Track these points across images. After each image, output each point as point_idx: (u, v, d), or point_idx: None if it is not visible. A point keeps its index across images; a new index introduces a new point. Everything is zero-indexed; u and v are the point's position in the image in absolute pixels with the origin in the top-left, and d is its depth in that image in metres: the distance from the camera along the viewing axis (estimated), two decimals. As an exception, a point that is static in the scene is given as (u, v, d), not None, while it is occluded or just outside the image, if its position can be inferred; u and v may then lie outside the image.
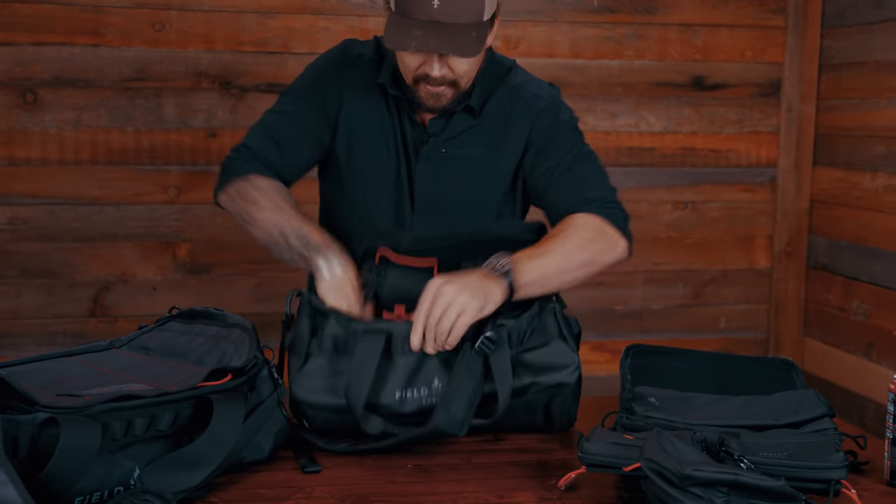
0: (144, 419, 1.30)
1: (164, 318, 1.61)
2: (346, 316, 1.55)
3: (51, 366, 1.43)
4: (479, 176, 1.82)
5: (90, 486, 1.25)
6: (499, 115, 1.81)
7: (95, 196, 2.73)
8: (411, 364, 1.54)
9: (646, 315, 3.14)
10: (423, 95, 1.70)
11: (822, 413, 1.59)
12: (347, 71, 1.79)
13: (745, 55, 3.09)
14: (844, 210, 3.01)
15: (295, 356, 1.56)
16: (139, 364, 1.48)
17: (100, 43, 2.69)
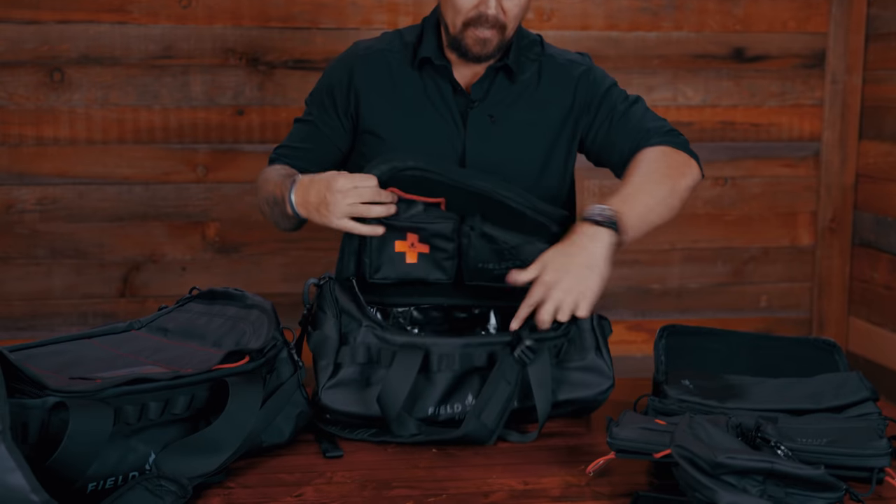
0: (159, 403, 1.27)
1: (185, 298, 1.59)
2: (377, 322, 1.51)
3: (67, 348, 1.41)
4: (526, 139, 1.83)
5: (103, 471, 1.22)
6: (538, 81, 1.84)
7: (124, 175, 2.71)
8: (448, 381, 1.51)
9: (683, 294, 3.06)
10: (469, 42, 1.74)
11: (865, 397, 1.52)
12: (359, 67, 1.83)
13: (788, 25, 2.98)
14: (892, 185, 2.90)
15: (322, 360, 1.51)
16: (157, 346, 1.45)
17: (126, 20, 2.66)
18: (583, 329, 1.57)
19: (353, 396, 1.49)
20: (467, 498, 1.31)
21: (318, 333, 1.51)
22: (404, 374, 1.46)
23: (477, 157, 1.80)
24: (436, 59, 1.80)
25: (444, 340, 1.51)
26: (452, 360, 1.51)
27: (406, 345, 1.49)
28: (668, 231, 3.01)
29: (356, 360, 1.50)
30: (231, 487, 1.34)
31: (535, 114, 1.83)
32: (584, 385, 1.57)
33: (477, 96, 1.81)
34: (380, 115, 1.82)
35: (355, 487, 1.34)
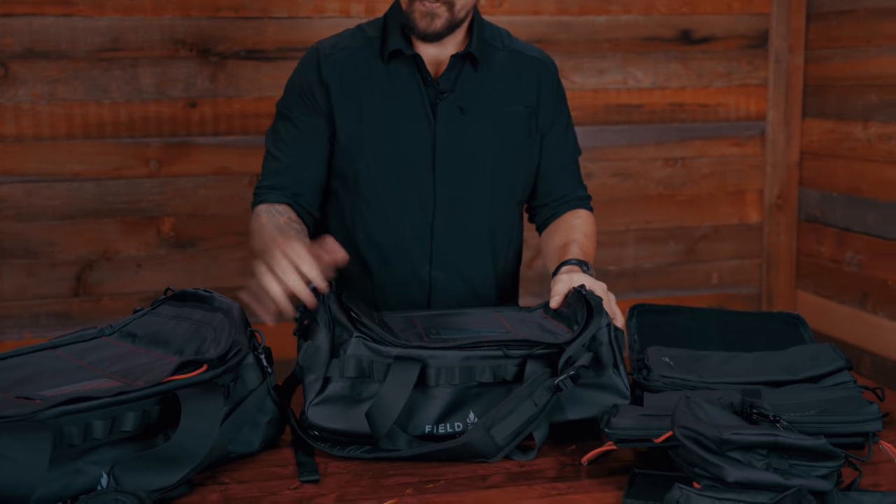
0: (105, 421, 1.20)
1: (159, 300, 1.53)
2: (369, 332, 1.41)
3: (28, 361, 1.34)
4: (496, 132, 1.83)
5: (49, 496, 1.17)
6: (505, 71, 1.84)
7: (74, 172, 2.65)
8: (447, 397, 1.39)
9: (639, 274, 3.11)
10: (417, 16, 1.72)
11: (841, 366, 1.56)
12: (327, 64, 1.80)
13: (733, 6, 3.04)
14: (836, 161, 2.98)
15: (312, 375, 1.40)
16: (121, 355, 1.39)
17: (71, 13, 2.59)
18: (601, 342, 1.45)
19: (342, 413, 1.37)
20: (465, 482, 1.32)
21: (308, 344, 1.41)
22: (399, 390, 1.35)
23: (447, 150, 1.80)
24: (405, 50, 1.79)
25: (442, 353, 1.39)
26: (452, 375, 1.40)
27: (401, 357, 1.38)
28: (623, 213, 3.06)
29: (346, 374, 1.38)
30: (226, 483, 1.32)
31: (504, 106, 1.84)
32: (598, 404, 1.43)
33: (445, 87, 1.80)
34: (351, 111, 1.80)
35: (352, 477, 1.34)
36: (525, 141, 1.86)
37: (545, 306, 1.63)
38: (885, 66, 2.74)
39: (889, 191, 2.75)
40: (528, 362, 1.40)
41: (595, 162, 3.00)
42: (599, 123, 2.99)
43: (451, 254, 1.84)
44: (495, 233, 1.89)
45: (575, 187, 1.95)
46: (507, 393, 1.40)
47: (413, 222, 1.82)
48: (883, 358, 2.77)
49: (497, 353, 1.40)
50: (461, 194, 1.81)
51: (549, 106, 1.88)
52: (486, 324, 1.54)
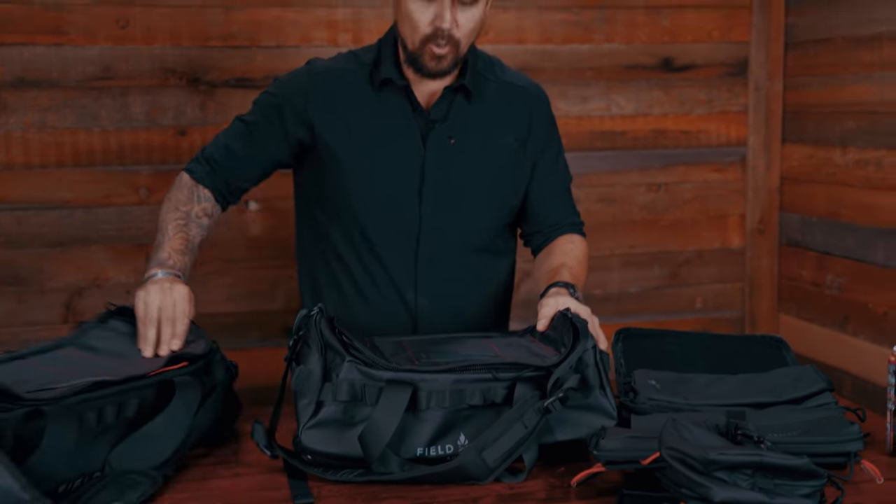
0: (113, 406, 1.36)
1: (105, 314, 1.62)
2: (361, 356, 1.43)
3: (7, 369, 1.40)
4: (485, 162, 1.87)
5: (73, 473, 1.30)
6: (496, 103, 1.89)
7: (64, 199, 2.66)
8: (438, 420, 1.42)
9: (623, 298, 3.15)
10: (427, 58, 1.77)
11: (822, 388, 1.60)
12: (317, 87, 1.84)
13: (713, 35, 3.10)
14: (815, 186, 3.03)
15: (304, 399, 1.42)
16: (89, 363, 1.47)
17: (62, 42, 2.62)
18: (587, 364, 1.49)
19: (335, 437, 1.40)
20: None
21: (301, 369, 1.43)
22: (391, 413, 1.37)
23: (436, 178, 1.83)
24: (397, 80, 1.82)
25: (433, 376, 1.42)
26: (443, 398, 1.42)
27: (393, 381, 1.41)
28: (607, 237, 3.10)
29: (338, 398, 1.41)
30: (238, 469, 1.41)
31: (493, 137, 1.88)
32: (585, 425, 1.47)
33: (437, 117, 1.83)
34: (338, 135, 1.83)
35: (345, 501, 1.36)
36: (513, 172, 1.90)
37: (532, 330, 1.66)
38: (861, 93, 2.80)
39: (867, 215, 2.80)
40: (517, 385, 1.43)
41: (580, 188, 3.04)
42: (584, 150, 3.04)
43: (436, 281, 1.87)
44: (480, 261, 1.92)
45: (568, 214, 1.99)
46: (496, 415, 1.42)
47: (398, 249, 1.85)
48: (864, 380, 2.82)
49: (487, 376, 1.43)
50: (446, 223, 1.85)
51: (540, 135, 1.92)
52: (475, 348, 1.57)
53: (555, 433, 1.45)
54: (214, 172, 1.88)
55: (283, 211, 2.76)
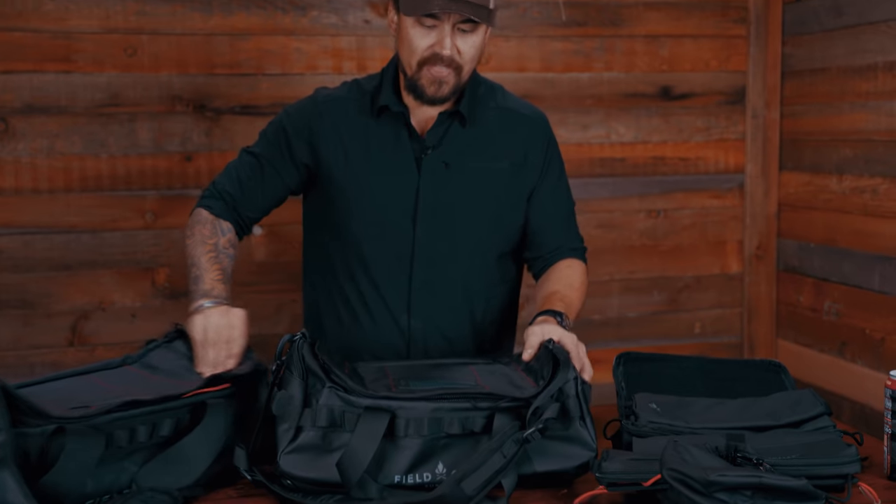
0: (147, 426, 1.39)
1: (172, 333, 1.66)
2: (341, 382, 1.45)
3: (64, 385, 1.47)
4: (479, 188, 1.90)
5: (100, 489, 1.34)
6: (492, 129, 1.91)
7: (71, 224, 2.70)
8: (417, 448, 1.43)
9: (623, 323, 3.18)
10: (425, 82, 1.80)
11: (821, 412, 1.63)
12: (321, 115, 1.89)
13: (710, 64, 3.15)
14: (812, 213, 3.07)
15: (284, 424, 1.44)
16: (145, 381, 1.52)
17: (71, 69, 2.66)
18: (567, 395, 1.49)
19: (314, 462, 1.41)
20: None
21: (282, 394, 1.45)
22: (368, 439, 1.38)
23: (430, 203, 1.86)
24: (393, 106, 1.86)
25: (412, 404, 1.43)
26: (421, 426, 1.43)
27: (371, 408, 1.42)
28: (607, 263, 3.13)
29: (317, 424, 1.42)
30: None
31: (488, 163, 1.90)
32: (564, 456, 1.48)
33: (431, 143, 1.86)
34: (338, 162, 1.87)
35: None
36: (509, 198, 1.92)
37: (517, 358, 1.67)
38: (857, 121, 2.85)
39: (864, 241, 2.84)
40: (496, 415, 1.44)
41: (580, 214, 3.05)
42: (584, 176, 3.08)
43: (429, 304, 1.90)
44: (473, 286, 1.94)
45: (570, 239, 2.01)
46: (475, 444, 1.43)
47: (393, 272, 1.88)
48: (862, 405, 2.84)
49: (465, 405, 1.44)
50: (440, 247, 1.87)
51: (537, 161, 1.94)
52: (456, 376, 1.58)
53: (534, 463, 1.46)
54: (230, 206, 1.91)
55: (288, 236, 2.79)
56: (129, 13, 2.68)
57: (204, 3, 2.73)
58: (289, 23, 2.80)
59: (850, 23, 2.86)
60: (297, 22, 2.80)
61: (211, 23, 2.74)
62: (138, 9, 2.68)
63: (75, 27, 2.65)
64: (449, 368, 1.62)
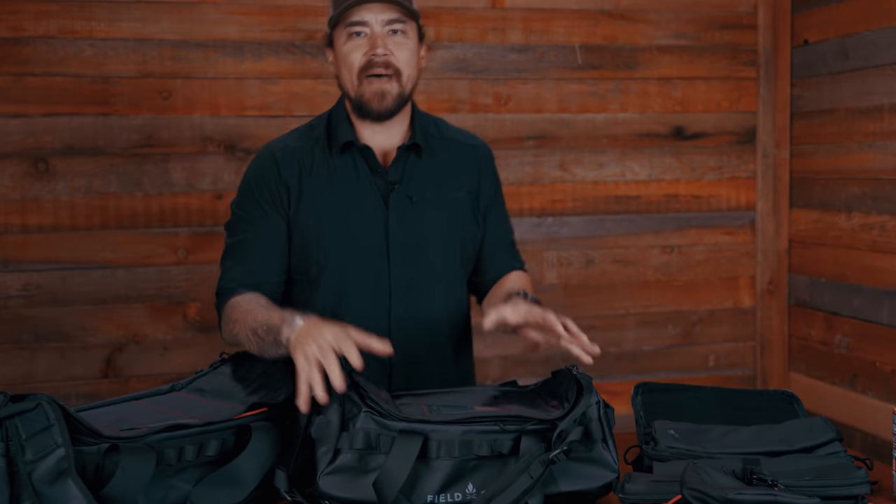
0: (194, 446, 1.47)
1: (217, 362, 1.75)
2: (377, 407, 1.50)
3: (116, 409, 1.56)
4: (443, 219, 1.97)
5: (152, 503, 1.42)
6: (446, 159, 1.99)
7: (107, 259, 2.81)
8: (448, 469, 1.49)
9: (638, 356, 3.25)
10: (368, 97, 1.85)
11: (832, 438, 1.70)
12: (283, 165, 1.91)
13: (721, 105, 3.26)
14: (822, 249, 3.16)
15: (323, 447, 1.49)
16: (193, 405, 1.61)
17: (109, 112, 2.78)
18: (590, 419, 1.55)
19: (351, 483, 1.47)
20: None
21: (320, 419, 1.50)
22: (402, 461, 1.44)
23: (399, 237, 1.92)
24: (356, 142, 1.90)
25: (443, 427, 1.49)
26: (452, 448, 1.49)
27: (405, 430, 1.48)
28: (622, 297, 3.22)
29: (354, 446, 1.48)
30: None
31: (448, 192, 1.97)
32: (587, 477, 1.53)
33: (395, 178, 1.92)
34: (306, 207, 1.90)
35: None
36: (470, 223, 2.00)
37: (542, 385, 1.75)
38: (864, 160, 2.94)
39: (873, 277, 2.92)
40: (522, 437, 1.50)
41: (596, 249, 3.18)
42: (600, 213, 3.17)
43: (409, 335, 1.94)
44: (448, 312, 1.99)
45: (514, 260, 2.10)
46: (503, 465, 1.50)
47: (371, 307, 1.92)
48: (873, 436, 2.91)
49: (494, 428, 1.51)
50: (415, 278, 1.93)
51: (488, 188, 2.03)
52: (486, 401, 1.65)
53: (558, 484, 1.51)
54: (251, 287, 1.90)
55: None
56: (164, 58, 2.80)
57: (236, 48, 2.86)
58: (316, 67, 2.92)
59: (857, 66, 2.97)
60: (324, 66, 2.92)
61: (242, 67, 2.87)
62: (173, 54, 2.81)
63: (113, 72, 2.78)
64: (477, 395, 1.70)
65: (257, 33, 2.88)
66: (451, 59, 3.04)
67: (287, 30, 2.90)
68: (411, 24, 1.89)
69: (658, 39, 3.19)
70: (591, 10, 3.13)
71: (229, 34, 2.85)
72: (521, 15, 3.07)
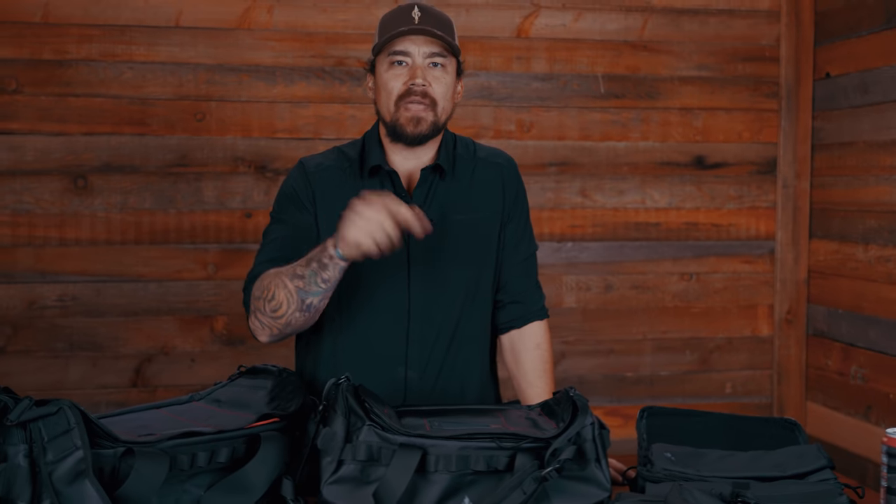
0: (206, 453, 1.55)
1: (235, 375, 1.84)
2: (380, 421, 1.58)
3: (137, 416, 1.65)
4: (465, 240, 2.02)
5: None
6: (471, 180, 2.05)
7: (139, 273, 2.92)
8: (445, 483, 1.55)
9: (655, 381, 3.30)
10: (404, 122, 1.92)
11: (824, 465, 1.75)
12: (313, 180, 2.00)
13: (743, 136, 3.31)
14: (840, 280, 3.19)
15: (328, 457, 1.57)
16: (210, 414, 1.69)
17: (145, 132, 2.91)
18: (585, 439, 1.60)
19: (353, 493, 1.54)
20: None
21: (327, 431, 1.57)
22: (401, 473, 1.51)
23: (421, 259, 1.98)
24: (384, 165, 1.97)
25: (442, 442, 1.56)
26: (449, 462, 1.55)
27: (405, 444, 1.55)
28: (640, 322, 3.27)
29: (357, 458, 1.55)
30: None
31: (471, 215, 2.02)
32: (580, 495, 1.58)
33: (418, 201, 1.98)
34: (330, 224, 1.92)
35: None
36: (494, 244, 2.05)
37: (542, 405, 1.82)
38: (882, 193, 2.98)
39: (889, 309, 2.95)
40: (518, 454, 1.56)
41: (615, 275, 3.24)
42: (619, 239, 3.24)
43: (426, 355, 2.00)
44: (467, 333, 2.04)
45: (530, 287, 2.12)
46: (499, 481, 1.56)
47: (389, 328, 1.98)
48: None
49: (490, 444, 1.57)
50: (435, 299, 1.98)
51: (510, 202, 2.07)
52: (485, 419, 1.72)
53: (552, 500, 1.56)
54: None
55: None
56: (199, 81, 2.93)
57: (268, 73, 2.97)
58: (345, 92, 3.02)
59: (876, 100, 3.01)
60: (352, 91, 3.02)
61: (273, 91, 2.98)
62: (208, 78, 2.93)
63: (150, 94, 2.91)
64: (479, 414, 1.77)
65: (289, 59, 2.99)
66: (475, 87, 3.12)
67: (317, 56, 3.01)
68: (451, 59, 1.96)
69: (680, 70, 3.25)
70: (615, 41, 3.20)
71: (262, 59, 2.97)
72: (545, 45, 3.16)
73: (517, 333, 2.11)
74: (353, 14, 3.03)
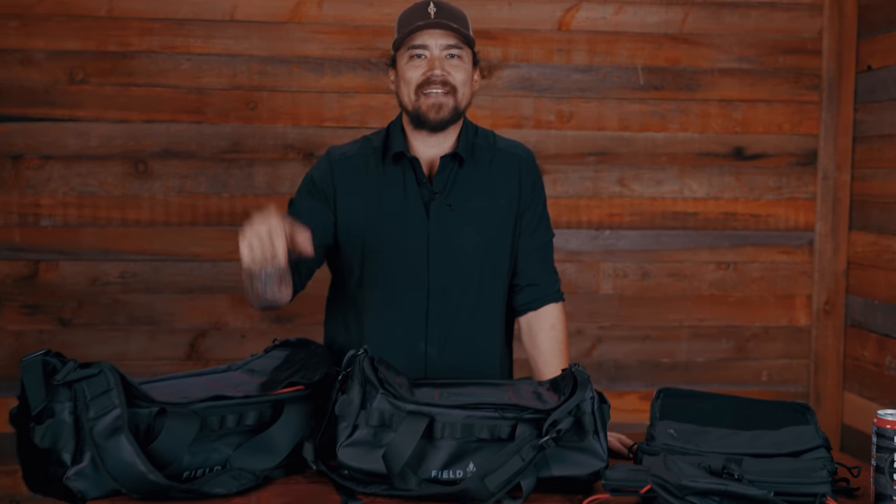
0: (234, 415, 1.70)
1: (270, 347, 2.00)
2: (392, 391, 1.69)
3: (177, 383, 1.81)
4: (481, 225, 2.13)
5: (195, 463, 1.66)
6: (489, 169, 2.16)
7: (195, 253, 3.10)
8: (451, 449, 1.67)
9: (691, 367, 3.37)
10: (425, 109, 2.05)
11: (819, 444, 1.82)
12: (336, 169, 2.13)
13: (783, 128, 3.35)
14: (878, 272, 3.21)
15: (344, 422, 1.70)
16: (243, 381, 1.84)
17: (201, 120, 3.08)
18: (584, 412, 1.70)
19: (366, 455, 1.67)
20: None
21: (344, 398, 1.71)
22: (409, 438, 1.63)
23: (440, 243, 2.10)
24: (406, 152, 2.10)
25: (448, 411, 1.68)
26: (455, 429, 1.67)
27: (413, 412, 1.67)
28: (676, 310, 3.34)
29: (370, 423, 1.68)
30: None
31: (488, 201, 2.13)
32: (578, 464, 1.68)
33: (438, 188, 2.10)
34: (356, 213, 2.11)
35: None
36: (509, 230, 2.16)
37: (551, 381, 1.93)
38: (919, 186, 3.00)
39: (923, 301, 2.97)
40: (519, 424, 1.68)
41: (652, 263, 3.31)
42: (657, 228, 3.31)
43: (444, 332, 2.12)
44: (484, 311, 2.16)
45: (546, 271, 2.22)
46: (502, 448, 1.67)
47: (410, 306, 2.11)
48: None
49: (494, 414, 1.70)
50: (453, 280, 2.11)
51: (527, 192, 2.17)
52: (492, 391, 1.84)
53: (551, 468, 1.68)
54: None
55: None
56: (252, 73, 3.09)
57: (317, 64, 3.12)
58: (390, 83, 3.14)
59: (915, 93, 3.02)
60: (397, 82, 3.15)
61: (322, 82, 3.12)
62: (260, 69, 3.09)
63: (206, 84, 3.08)
64: (487, 387, 1.89)
65: (337, 51, 3.13)
66: (516, 78, 3.22)
67: (364, 48, 3.14)
68: (467, 50, 2.09)
69: (720, 63, 3.30)
70: (655, 33, 3.27)
71: (311, 51, 3.12)
72: (586, 37, 3.24)
73: (534, 315, 2.22)
74: (397, 7, 3.11)
